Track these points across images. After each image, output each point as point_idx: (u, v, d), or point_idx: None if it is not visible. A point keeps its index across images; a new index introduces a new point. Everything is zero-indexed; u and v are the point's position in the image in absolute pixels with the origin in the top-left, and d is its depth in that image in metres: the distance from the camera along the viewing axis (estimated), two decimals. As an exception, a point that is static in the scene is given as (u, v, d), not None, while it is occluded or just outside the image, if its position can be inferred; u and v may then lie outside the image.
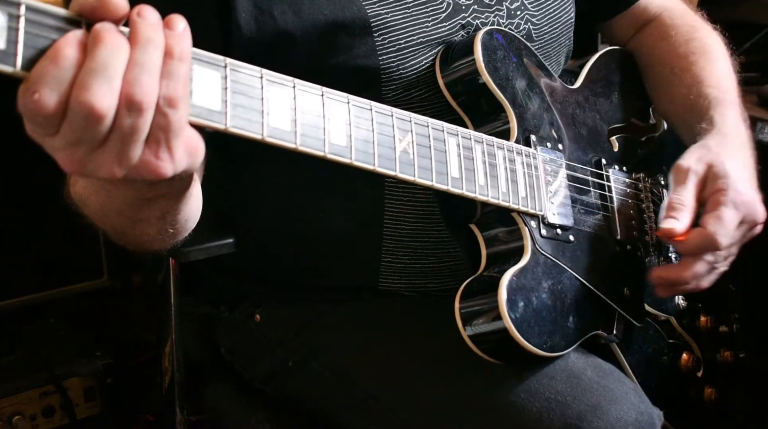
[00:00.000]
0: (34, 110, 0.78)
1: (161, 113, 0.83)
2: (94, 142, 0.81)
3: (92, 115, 0.79)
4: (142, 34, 0.82)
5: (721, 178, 1.40)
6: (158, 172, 0.85)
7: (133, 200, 1.01)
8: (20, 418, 2.19)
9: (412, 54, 1.36)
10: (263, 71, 0.97)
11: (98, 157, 0.83)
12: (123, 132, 0.81)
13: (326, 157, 1.04)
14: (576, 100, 1.53)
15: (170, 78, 0.83)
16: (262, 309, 1.60)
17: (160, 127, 0.83)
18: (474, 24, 1.42)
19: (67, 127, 0.80)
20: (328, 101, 1.05)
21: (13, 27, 0.76)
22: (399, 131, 1.14)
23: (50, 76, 0.78)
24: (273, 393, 1.61)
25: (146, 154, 0.84)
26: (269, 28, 1.29)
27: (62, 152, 0.83)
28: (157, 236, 1.13)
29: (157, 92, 0.82)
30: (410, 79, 1.37)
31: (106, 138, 0.82)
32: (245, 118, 0.94)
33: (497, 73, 1.36)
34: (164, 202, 1.03)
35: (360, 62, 1.33)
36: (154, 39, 0.82)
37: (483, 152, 1.26)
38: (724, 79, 1.63)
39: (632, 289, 1.48)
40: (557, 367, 1.32)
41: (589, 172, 1.47)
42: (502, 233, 1.34)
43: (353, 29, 1.32)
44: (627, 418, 1.28)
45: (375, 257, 1.48)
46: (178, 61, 0.83)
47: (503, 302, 1.23)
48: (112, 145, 0.82)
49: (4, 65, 0.76)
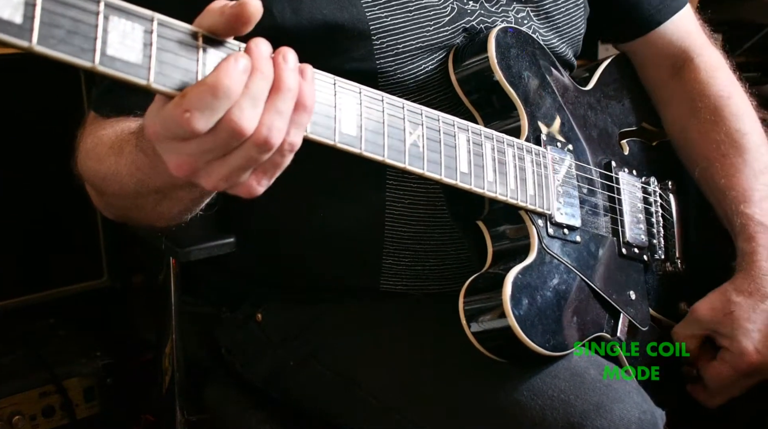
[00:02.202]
0: (182, 124, 0.86)
1: (281, 154, 0.93)
2: (220, 154, 0.90)
3: (238, 135, 0.88)
4: (286, 83, 0.90)
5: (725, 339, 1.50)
6: (251, 194, 0.96)
7: (183, 184, 1.07)
8: (20, 418, 2.17)
9: (410, 59, 1.36)
10: None
11: (213, 169, 0.91)
12: (245, 160, 0.90)
13: (336, 146, 1.04)
14: (588, 102, 1.53)
15: (298, 127, 0.93)
16: (263, 309, 1.60)
17: (274, 164, 0.94)
18: (479, 28, 1.42)
19: (206, 139, 0.87)
20: (340, 90, 1.05)
21: (30, 2, 0.76)
22: (409, 124, 1.14)
23: (210, 104, 0.85)
24: (274, 393, 1.60)
25: (251, 179, 0.94)
26: (266, 24, 1.27)
27: (184, 157, 0.90)
28: (177, 214, 1.19)
29: (284, 135, 0.91)
30: (408, 84, 1.37)
31: (228, 155, 0.90)
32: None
33: (510, 71, 1.36)
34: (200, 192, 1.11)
35: (357, 65, 1.33)
36: (294, 89, 0.91)
37: (493, 149, 1.26)
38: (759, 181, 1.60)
39: (638, 292, 1.48)
40: (560, 366, 1.32)
41: (598, 173, 1.47)
42: (508, 231, 1.34)
43: (351, 31, 1.32)
44: (630, 416, 1.28)
45: (376, 259, 1.47)
46: (308, 114, 0.93)
47: (507, 299, 1.23)
48: (231, 164, 0.90)
49: (20, 40, 0.76)
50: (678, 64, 1.71)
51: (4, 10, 0.74)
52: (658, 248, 1.56)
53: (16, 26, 0.75)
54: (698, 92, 1.68)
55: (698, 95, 1.68)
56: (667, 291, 1.59)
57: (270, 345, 1.58)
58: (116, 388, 2.29)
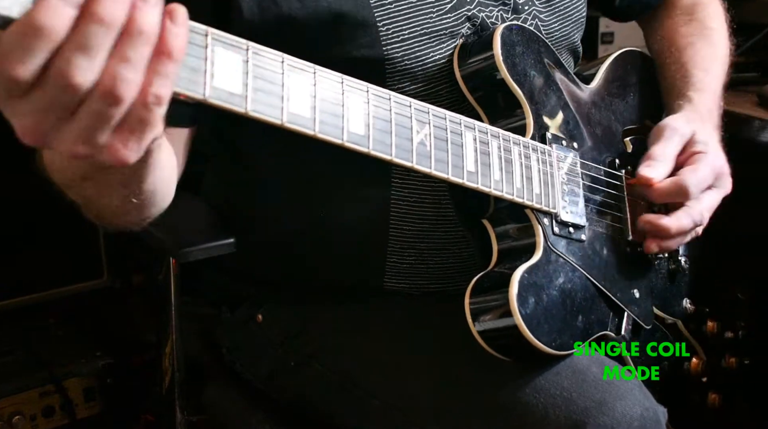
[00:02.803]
0: (4, 72, 0.73)
1: (147, 108, 0.80)
2: (63, 113, 0.78)
3: (68, 88, 0.75)
4: (137, 24, 0.76)
5: (701, 144, 1.47)
6: (121, 160, 0.82)
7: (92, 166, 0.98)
8: (20, 418, 2.18)
9: (417, 44, 1.35)
10: (284, 56, 0.97)
11: (63, 131, 0.79)
12: (95, 116, 0.78)
13: (344, 145, 1.04)
14: (592, 100, 1.53)
15: (162, 77, 0.80)
16: (263, 309, 1.60)
17: (139, 120, 0.80)
18: (480, 17, 1.41)
19: (38, 93, 0.76)
20: (348, 89, 1.05)
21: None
22: (417, 122, 1.14)
23: (29, 45, 0.73)
24: (274, 393, 1.60)
25: (114, 140, 0.81)
26: (272, 13, 1.28)
27: (26, 119, 0.78)
28: (122, 208, 1.10)
29: (139, 86, 0.78)
30: (415, 71, 1.36)
31: (75, 112, 0.78)
32: (265, 103, 0.94)
33: (515, 69, 1.35)
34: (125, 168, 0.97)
35: (364, 52, 1.32)
36: (148, 32, 0.77)
37: (499, 147, 1.26)
38: (715, 63, 1.67)
39: (642, 291, 1.48)
40: (562, 364, 1.32)
41: (603, 171, 1.46)
42: (514, 229, 1.34)
43: (356, 18, 1.32)
44: (632, 413, 1.27)
45: (380, 257, 1.47)
46: (175, 62, 0.80)
47: (514, 298, 1.23)
48: (81, 123, 0.78)
49: None
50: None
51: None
52: None
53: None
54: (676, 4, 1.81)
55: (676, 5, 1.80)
56: (671, 289, 1.59)
57: (270, 345, 1.58)
58: (116, 388, 2.29)
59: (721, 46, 1.71)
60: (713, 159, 1.46)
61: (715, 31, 1.73)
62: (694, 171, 1.43)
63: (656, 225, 1.42)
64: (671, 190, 1.42)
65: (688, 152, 1.46)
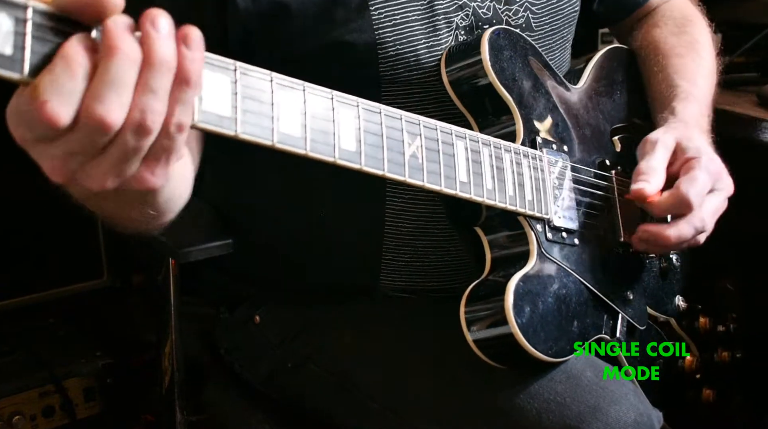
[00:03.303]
0: (43, 120, 0.74)
1: (169, 137, 0.81)
2: (92, 153, 0.79)
3: (102, 127, 0.76)
4: (157, 55, 0.78)
5: (692, 149, 1.43)
6: (150, 186, 0.84)
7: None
8: (20, 418, 2.19)
9: (409, 30, 1.35)
10: (273, 75, 0.96)
11: (92, 169, 0.81)
12: (126, 150, 0.79)
13: (336, 163, 1.03)
14: (580, 100, 1.52)
15: (183, 104, 0.81)
16: (261, 310, 1.60)
17: (163, 149, 0.82)
18: (471, 6, 1.41)
19: (71, 136, 0.77)
20: (338, 104, 1.04)
21: (20, 32, 0.73)
22: (408, 135, 1.13)
23: (61, 86, 0.75)
24: (272, 394, 1.61)
25: (142, 171, 0.83)
26: (266, 1, 1.29)
27: (55, 161, 0.80)
28: (140, 219, 1.11)
29: (164, 116, 0.80)
30: (408, 58, 1.35)
31: (105, 150, 0.80)
32: (256, 124, 0.93)
33: (504, 74, 1.35)
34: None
35: (355, 37, 1.32)
36: (168, 60, 0.78)
37: (491, 155, 1.25)
38: (701, 76, 1.64)
39: (635, 292, 1.49)
40: (557, 369, 1.32)
41: (593, 173, 1.46)
42: (507, 237, 1.34)
43: (350, 2, 1.32)
44: (626, 419, 1.28)
45: (376, 255, 1.47)
46: (193, 89, 0.81)
47: (510, 307, 1.23)
48: (110, 159, 0.80)
49: (11, 72, 0.73)
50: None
51: None
52: None
53: (7, 57, 0.73)
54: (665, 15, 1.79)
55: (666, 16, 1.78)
56: (663, 288, 1.59)
57: (268, 346, 1.58)
58: (116, 388, 2.30)
59: (708, 60, 1.69)
60: (707, 162, 1.42)
61: (703, 46, 1.70)
62: (691, 179, 1.39)
63: (657, 235, 1.39)
64: (673, 202, 1.38)
65: (681, 160, 1.43)
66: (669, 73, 1.63)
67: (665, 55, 1.67)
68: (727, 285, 1.74)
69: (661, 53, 1.67)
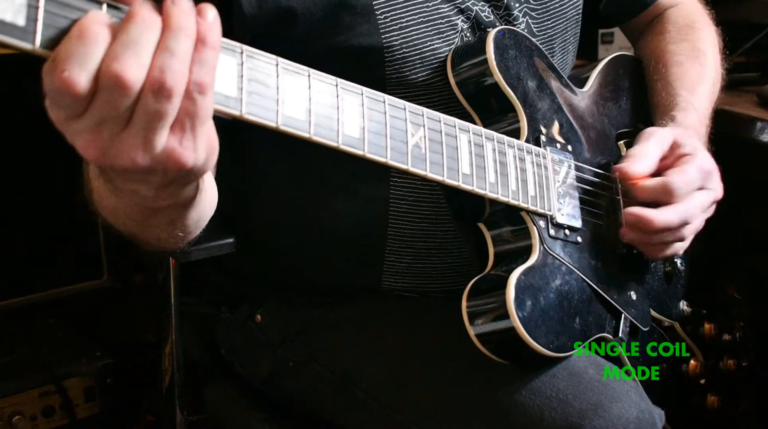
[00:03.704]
0: (63, 88, 0.77)
1: (191, 99, 0.82)
2: (119, 121, 0.81)
3: (120, 85, 0.78)
4: (176, 21, 0.81)
5: (687, 147, 1.45)
6: (180, 161, 0.84)
7: (140, 209, 1.00)
8: (20, 418, 2.18)
9: (415, 32, 1.36)
10: (279, 59, 0.97)
11: (122, 141, 0.82)
12: (149, 115, 0.81)
13: (339, 147, 1.04)
14: (585, 104, 1.53)
15: (201, 65, 0.83)
16: (262, 309, 1.60)
17: (187, 113, 0.83)
18: (473, 10, 1.42)
19: (94, 104, 0.79)
20: (342, 92, 1.05)
21: (33, 5, 0.75)
22: (412, 125, 1.14)
23: (78, 53, 0.77)
24: (273, 393, 1.61)
25: (171, 141, 0.83)
26: (271, 5, 1.29)
27: (86, 135, 0.82)
28: (168, 239, 1.13)
29: (186, 79, 0.82)
30: (414, 60, 1.36)
31: (131, 119, 0.81)
32: (260, 106, 0.94)
33: (509, 73, 1.36)
34: (171, 211, 1.03)
35: (363, 41, 1.33)
36: (187, 26, 0.82)
37: (494, 150, 1.26)
38: (701, 85, 1.65)
39: (638, 293, 1.48)
40: (559, 366, 1.32)
41: (598, 174, 1.47)
42: (510, 232, 1.34)
43: (356, 7, 1.32)
44: (628, 416, 1.28)
45: (378, 257, 1.48)
46: (210, 48, 0.83)
47: (511, 301, 1.23)
48: (136, 128, 0.81)
49: (24, 42, 0.76)
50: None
51: (6, 13, 0.74)
52: None
53: (20, 28, 0.75)
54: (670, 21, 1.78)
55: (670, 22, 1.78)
56: (667, 291, 1.59)
57: (269, 346, 1.58)
58: (116, 388, 2.29)
59: (710, 68, 1.69)
60: (701, 160, 1.44)
61: (705, 54, 1.70)
62: (681, 172, 1.41)
63: (641, 217, 1.39)
64: (656, 188, 1.40)
65: (675, 155, 1.44)
66: (669, 82, 1.64)
67: (665, 63, 1.67)
68: (734, 293, 1.74)
69: (661, 62, 1.68)
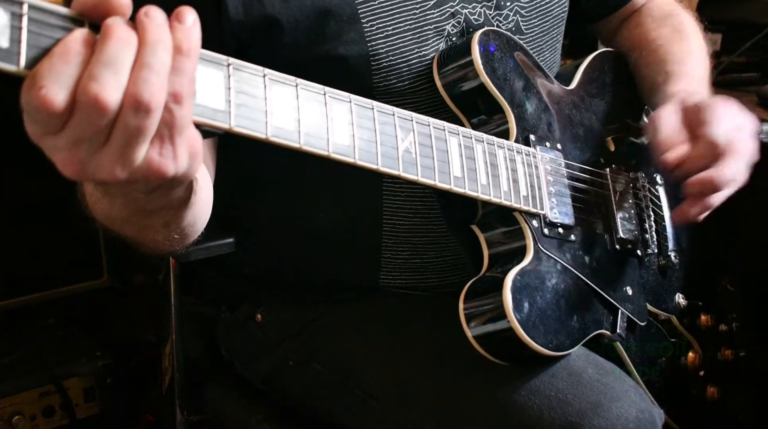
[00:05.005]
0: (40, 105, 0.76)
1: (167, 109, 0.81)
2: (97, 139, 0.79)
3: (98, 107, 0.76)
4: (151, 36, 0.79)
5: (698, 103, 1.41)
6: (160, 171, 0.83)
7: (134, 210, 0.99)
8: (20, 418, 2.18)
9: (401, 41, 1.36)
10: (266, 71, 0.97)
11: (100, 157, 0.80)
12: (129, 132, 0.79)
13: (330, 156, 1.04)
14: (572, 101, 1.53)
15: (177, 74, 0.81)
16: (262, 309, 1.60)
17: (165, 124, 0.81)
18: (463, 14, 1.42)
19: (71, 122, 0.78)
20: (331, 100, 1.05)
21: (15, 26, 0.75)
22: (401, 131, 1.14)
23: (58, 71, 0.76)
24: (273, 393, 1.61)
25: (150, 152, 0.82)
26: (256, 13, 1.29)
27: (64, 153, 0.80)
28: (164, 241, 1.12)
29: (165, 92, 0.80)
30: (400, 68, 1.36)
31: (109, 137, 0.80)
32: (249, 118, 0.94)
33: (495, 74, 1.36)
34: (165, 213, 1.02)
35: (349, 49, 1.33)
36: (163, 39, 0.80)
37: (484, 152, 1.26)
38: (689, 55, 1.64)
39: (634, 288, 1.49)
40: (558, 366, 1.33)
41: (588, 171, 1.47)
42: (504, 233, 1.34)
43: (341, 15, 1.32)
44: (628, 415, 1.28)
45: (375, 253, 1.48)
46: (186, 57, 0.81)
47: (508, 302, 1.23)
48: (115, 144, 0.79)
49: (8, 64, 0.75)
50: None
51: None
52: (650, 243, 1.55)
53: (4, 50, 0.75)
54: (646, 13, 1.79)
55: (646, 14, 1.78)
56: (662, 285, 1.59)
57: (269, 345, 1.58)
58: (116, 388, 2.29)
59: (694, 42, 1.68)
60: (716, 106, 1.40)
61: (687, 35, 1.70)
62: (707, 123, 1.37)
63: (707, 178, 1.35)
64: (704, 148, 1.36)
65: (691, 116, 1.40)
66: (657, 62, 1.63)
67: (649, 50, 1.67)
68: (727, 285, 1.74)
69: (644, 48, 1.68)
